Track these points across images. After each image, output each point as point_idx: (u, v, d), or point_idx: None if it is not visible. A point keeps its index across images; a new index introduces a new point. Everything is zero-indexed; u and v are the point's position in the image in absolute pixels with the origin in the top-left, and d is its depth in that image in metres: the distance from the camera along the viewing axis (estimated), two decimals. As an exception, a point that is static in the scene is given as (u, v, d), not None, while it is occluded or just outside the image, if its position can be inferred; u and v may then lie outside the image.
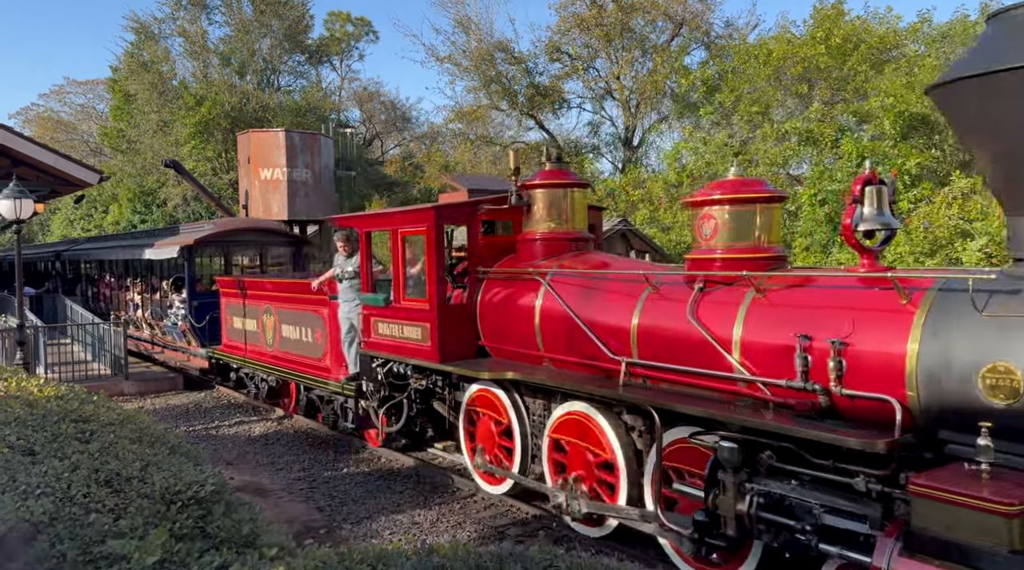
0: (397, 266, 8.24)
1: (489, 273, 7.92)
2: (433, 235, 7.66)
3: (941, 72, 15.44)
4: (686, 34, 25.50)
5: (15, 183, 12.73)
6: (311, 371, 10.69)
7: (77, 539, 3.08)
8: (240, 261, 16.94)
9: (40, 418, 4.84)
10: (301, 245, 17.26)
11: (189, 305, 15.01)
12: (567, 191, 7.80)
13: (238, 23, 33.24)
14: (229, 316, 13.24)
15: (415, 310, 8.01)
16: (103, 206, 37.96)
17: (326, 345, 10.32)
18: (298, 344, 11.08)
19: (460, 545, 3.16)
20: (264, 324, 11.96)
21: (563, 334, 6.83)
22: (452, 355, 7.79)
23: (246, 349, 12.59)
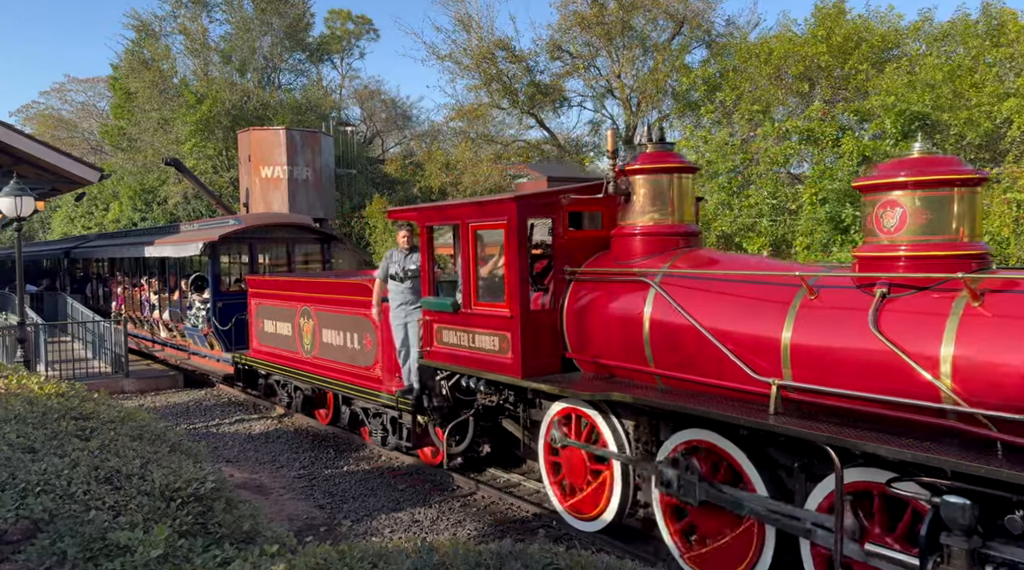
0: (467, 266, 7.20)
1: (577, 274, 6.90)
2: (515, 230, 6.65)
3: (942, 71, 15.45)
4: (687, 33, 25.47)
5: (16, 181, 12.73)
6: (357, 381, 9.65)
7: (77, 536, 3.08)
8: (267, 259, 15.75)
9: (40, 415, 4.84)
10: (331, 241, 16.12)
11: (213, 306, 13.88)
12: (673, 177, 6.70)
13: (239, 21, 33.21)
14: (260, 319, 12.24)
15: (491, 317, 7.00)
16: (104, 204, 37.93)
17: (377, 353, 9.29)
18: (342, 351, 10.02)
19: (460, 543, 3.16)
20: (301, 328, 11.00)
21: (682, 348, 5.82)
22: (536, 369, 6.77)
23: (279, 355, 11.65)
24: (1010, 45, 15.77)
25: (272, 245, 15.45)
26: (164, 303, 16.59)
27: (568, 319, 6.87)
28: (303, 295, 11.03)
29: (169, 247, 15.66)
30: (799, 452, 5.07)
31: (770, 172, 17.39)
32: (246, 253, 15.31)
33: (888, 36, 18.94)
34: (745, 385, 5.33)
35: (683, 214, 6.78)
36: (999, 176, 13.04)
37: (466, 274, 7.26)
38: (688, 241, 6.74)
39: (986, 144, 15.12)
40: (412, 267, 8.43)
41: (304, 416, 11.87)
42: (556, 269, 6.99)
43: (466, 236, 7.20)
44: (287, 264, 15.33)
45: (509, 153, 27.38)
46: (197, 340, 14.66)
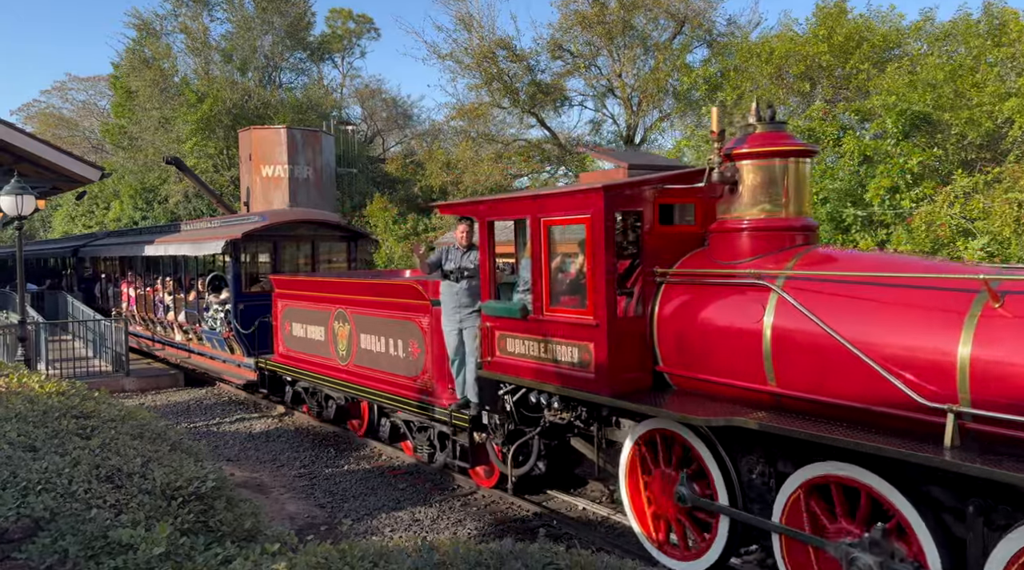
0: (539, 266, 6.38)
1: (670, 275, 6.04)
2: (601, 224, 5.78)
3: (943, 71, 15.44)
4: (688, 32, 25.46)
5: (16, 179, 12.73)
6: (402, 392, 8.76)
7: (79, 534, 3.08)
8: (290, 257, 14.85)
9: (41, 414, 4.84)
10: (357, 239, 15.26)
11: (234, 308, 13.04)
12: (789, 162, 5.76)
13: (240, 20, 33.23)
14: (287, 321, 11.37)
15: (569, 325, 6.16)
16: (104, 203, 37.97)
17: (425, 361, 8.38)
18: (384, 358, 9.11)
19: (461, 542, 3.16)
20: (335, 332, 10.09)
21: (816, 364, 4.94)
22: (624, 385, 5.91)
23: (309, 361, 10.79)
24: (1011, 45, 15.76)
25: (296, 243, 14.63)
26: (179, 304, 15.76)
27: (660, 328, 6.00)
28: (338, 296, 10.11)
29: (187, 245, 14.89)
30: (974, 491, 4.21)
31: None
32: (269, 251, 14.44)
33: (889, 36, 18.93)
34: (904, 411, 4.46)
35: (800, 205, 5.83)
36: (1000, 175, 13.03)
37: (537, 276, 6.42)
38: (806, 237, 5.81)
39: (987, 144, 15.11)
40: (470, 266, 7.57)
41: (306, 416, 11.87)
42: (644, 270, 6.12)
43: (537, 232, 6.39)
44: (311, 263, 14.59)
45: (510, 152, 27.37)
46: (216, 344, 13.95)
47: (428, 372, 8.38)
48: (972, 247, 12.06)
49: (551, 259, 6.39)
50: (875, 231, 14.52)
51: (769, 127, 5.94)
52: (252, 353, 12.66)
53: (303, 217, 14.98)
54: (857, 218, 14.57)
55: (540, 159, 27.38)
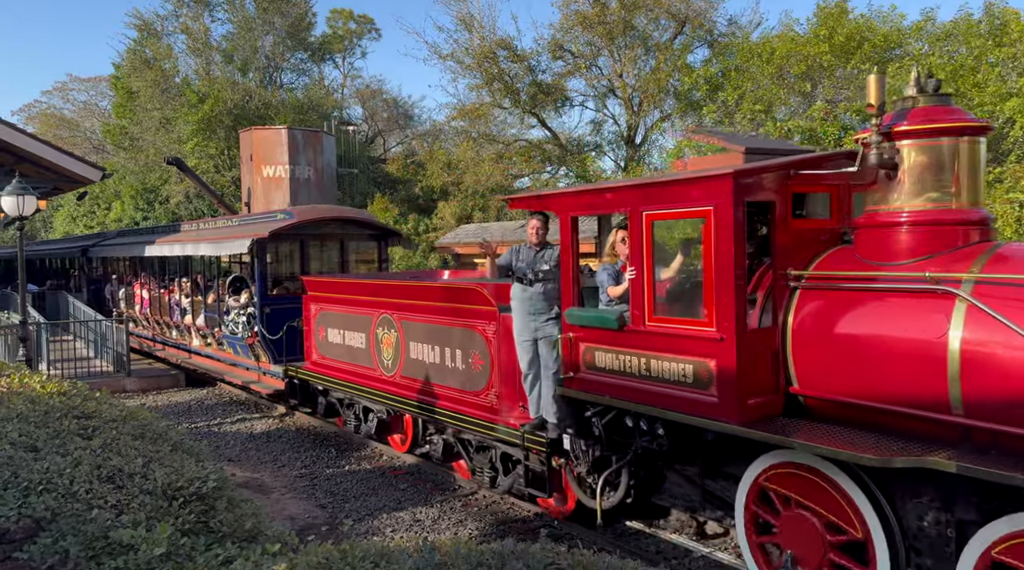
0: (641, 268, 5.56)
1: (806, 279, 5.16)
2: (729, 217, 4.90)
3: (944, 71, 15.44)
4: (689, 32, 25.45)
5: (18, 180, 12.74)
6: (461, 408, 7.81)
7: (80, 535, 3.08)
8: (320, 257, 13.97)
9: (42, 414, 4.84)
10: (388, 237, 14.24)
11: (260, 312, 12.12)
12: (960, 142, 4.83)
13: (241, 20, 33.26)
14: (322, 327, 10.45)
15: (682, 338, 5.30)
16: (106, 203, 38.00)
17: (491, 375, 7.43)
18: (439, 370, 8.17)
19: (462, 542, 3.16)
20: (379, 339, 9.19)
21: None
22: (754, 410, 5.06)
23: (347, 370, 9.91)
24: (1012, 45, 15.75)
25: (324, 242, 13.75)
26: (198, 307, 14.88)
27: (796, 341, 5.10)
28: (383, 300, 9.14)
29: (206, 245, 13.91)
30: None
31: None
32: (296, 251, 13.57)
33: (890, 36, 18.94)
34: None
35: (975, 194, 4.89)
36: (1002, 176, 13.03)
37: (639, 279, 5.58)
38: (983, 232, 4.88)
39: (988, 144, 15.11)
40: (544, 268, 6.75)
41: (307, 417, 11.87)
42: (776, 272, 5.21)
43: (639, 228, 5.55)
44: (340, 264, 13.72)
45: (511, 153, 27.37)
46: (239, 350, 13.02)
47: (493, 387, 7.41)
48: (973, 247, 12.06)
49: (656, 260, 5.52)
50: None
51: (934, 100, 4.95)
52: (279, 360, 11.81)
53: (332, 214, 13.80)
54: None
55: (541, 159, 27.38)
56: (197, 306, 14.96)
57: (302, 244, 13.32)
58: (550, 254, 6.79)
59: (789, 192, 5.30)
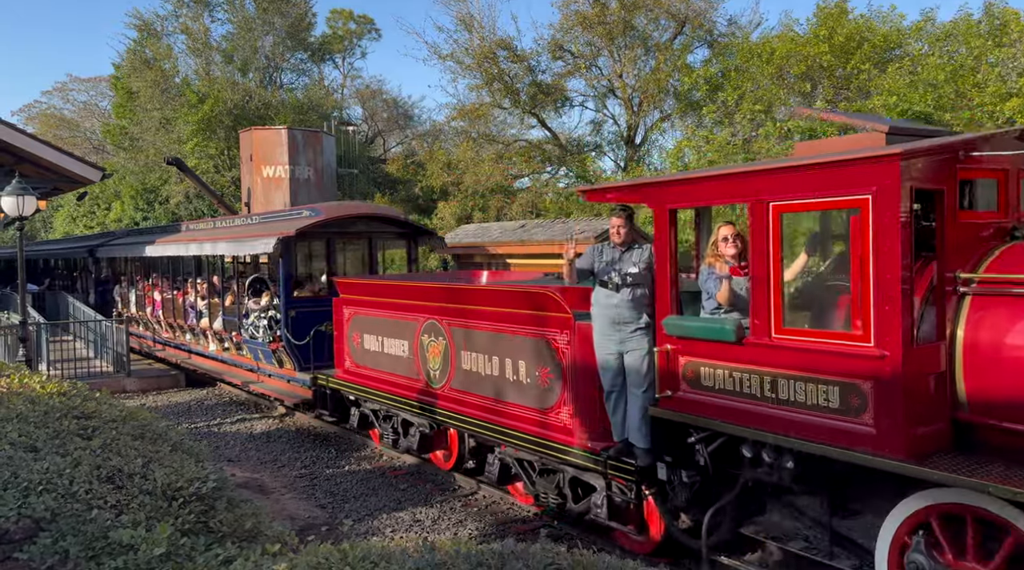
0: (765, 268, 4.78)
1: (977, 282, 4.40)
2: (893, 208, 4.15)
3: (944, 71, 15.44)
4: (689, 32, 25.45)
5: (18, 180, 12.75)
6: (523, 426, 6.92)
7: (79, 535, 3.08)
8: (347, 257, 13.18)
9: (42, 415, 4.84)
10: (418, 236, 13.22)
11: (285, 315, 11.35)
12: None
13: (241, 20, 33.26)
14: (357, 332, 9.66)
15: (822, 353, 4.50)
16: (105, 203, 38.00)
17: (564, 391, 6.50)
18: (496, 383, 7.28)
19: (462, 542, 3.16)
20: (424, 347, 8.34)
21: None
22: (921, 441, 4.29)
23: (386, 380, 9.09)
24: (1012, 45, 15.75)
25: (351, 241, 12.89)
26: (216, 310, 14.01)
27: (969, 359, 4.30)
28: (430, 305, 8.27)
29: (226, 244, 13.11)
30: None
31: (772, 172, 17.38)
32: (321, 251, 12.76)
33: (890, 36, 18.94)
34: None
35: None
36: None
37: (763, 281, 4.77)
38: None
39: (988, 144, 15.11)
40: (632, 270, 5.91)
41: (307, 417, 11.85)
42: (942, 275, 4.43)
43: (763, 221, 4.76)
44: (368, 265, 12.83)
45: (511, 153, 27.37)
46: (261, 356, 12.24)
47: (565, 404, 6.49)
48: (973, 247, 12.06)
49: (785, 259, 4.76)
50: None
51: None
52: (306, 367, 11.02)
53: (361, 211, 13.16)
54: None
55: (541, 160, 27.39)
56: (214, 309, 14.10)
57: (328, 243, 12.38)
58: (639, 255, 5.97)
59: (957, 179, 4.50)
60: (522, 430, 6.93)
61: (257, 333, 12.11)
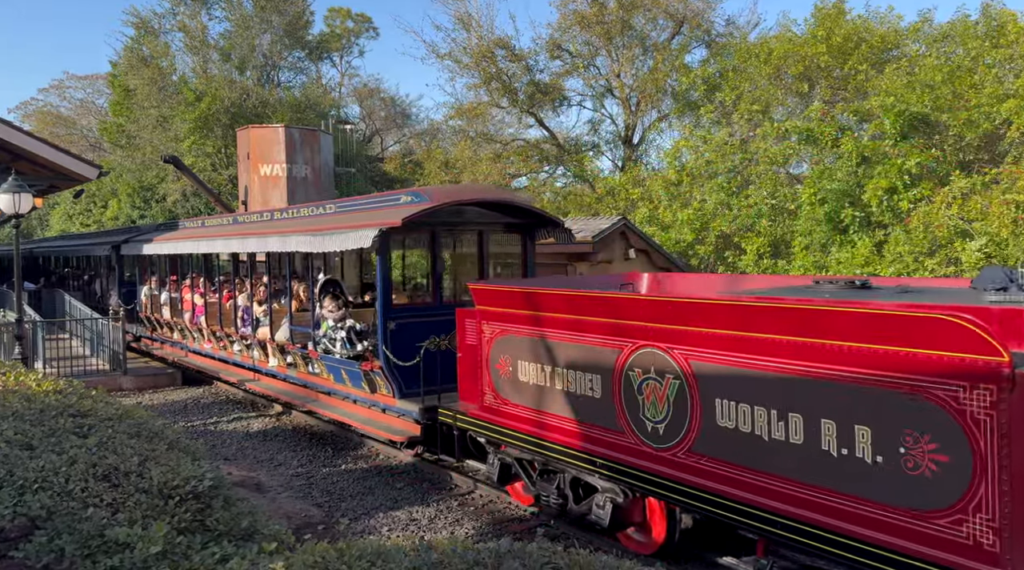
0: None
1: None
2: None
3: (941, 72, 15.47)
4: (687, 32, 25.49)
5: (14, 177, 12.72)
6: (868, 532, 4.48)
7: (75, 533, 3.07)
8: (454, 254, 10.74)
9: (38, 412, 4.83)
10: (537, 228, 10.35)
11: (383, 328, 9.02)
12: None
13: (238, 19, 33.24)
14: (505, 357, 7.32)
15: None
16: (102, 201, 37.95)
17: (971, 485, 4.10)
18: (799, 457, 4.85)
19: (458, 541, 3.16)
20: (633, 387, 5.98)
21: None
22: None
23: (554, 426, 6.79)
24: (1009, 46, 15.79)
25: (460, 233, 10.38)
26: (279, 318, 11.61)
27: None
28: (646, 325, 5.89)
29: (298, 238, 10.33)
30: None
31: (769, 172, 17.42)
32: (422, 246, 10.53)
33: (888, 37, 18.98)
34: None
35: None
36: (998, 177, 13.06)
37: None
38: None
39: (985, 145, 15.15)
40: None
41: (304, 416, 11.81)
42: None
43: None
44: (479, 266, 10.18)
45: (508, 152, 27.39)
46: (346, 377, 9.92)
47: (979, 509, 4.06)
48: (970, 248, 12.10)
49: None
50: (873, 232, 14.55)
51: None
52: (409, 394, 8.89)
53: (477, 196, 10.29)
54: (855, 219, 14.60)
55: (538, 159, 27.41)
56: (278, 317, 11.67)
57: (432, 237, 9.85)
58: None
59: None
60: (864, 538, 4.48)
61: (333, 347, 10.02)
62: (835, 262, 14.45)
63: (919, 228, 12.97)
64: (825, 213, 14.91)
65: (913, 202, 13.63)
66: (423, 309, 9.49)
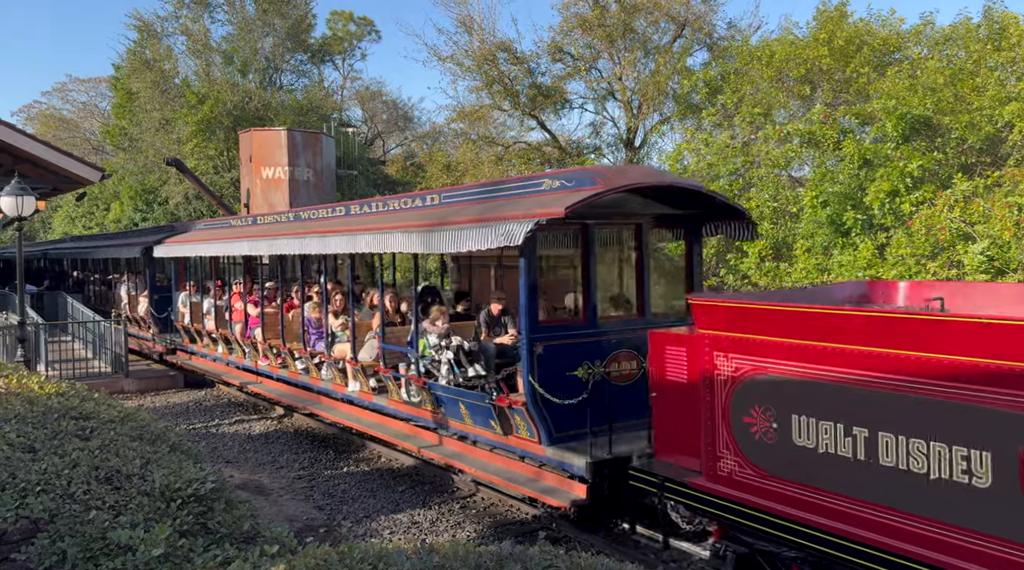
0: None
1: None
2: None
3: (943, 75, 15.45)
4: (689, 35, 25.49)
5: (17, 180, 12.74)
6: None
7: (77, 536, 3.08)
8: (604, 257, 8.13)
9: (40, 415, 4.83)
10: (702, 221, 8.05)
11: (528, 352, 7.01)
12: None
13: (241, 22, 33.29)
14: (762, 406, 5.19)
15: None
16: (105, 204, 38.04)
17: None
18: None
19: (460, 544, 3.16)
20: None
21: None
22: None
23: (859, 518, 4.63)
24: (1011, 49, 15.79)
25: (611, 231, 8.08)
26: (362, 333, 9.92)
27: None
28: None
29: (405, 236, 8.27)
30: None
31: (771, 175, 17.41)
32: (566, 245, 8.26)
33: (889, 39, 18.96)
34: None
35: None
36: (1000, 179, 13.05)
37: None
38: None
39: (987, 148, 15.14)
40: None
41: (306, 418, 11.80)
42: None
43: None
44: (636, 273, 7.94)
45: (510, 155, 27.42)
46: (465, 411, 7.92)
47: None
48: (972, 251, 12.08)
49: None
50: (875, 235, 14.55)
51: None
52: (561, 440, 6.93)
53: (655, 180, 7.77)
54: (857, 221, 14.59)
55: (540, 162, 27.42)
56: (361, 331, 9.97)
57: (583, 234, 7.63)
58: None
59: None
60: None
61: (437, 371, 8.32)
62: (837, 265, 14.43)
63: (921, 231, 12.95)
64: (827, 216, 14.90)
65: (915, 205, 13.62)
66: (575, 329, 7.48)
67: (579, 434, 6.72)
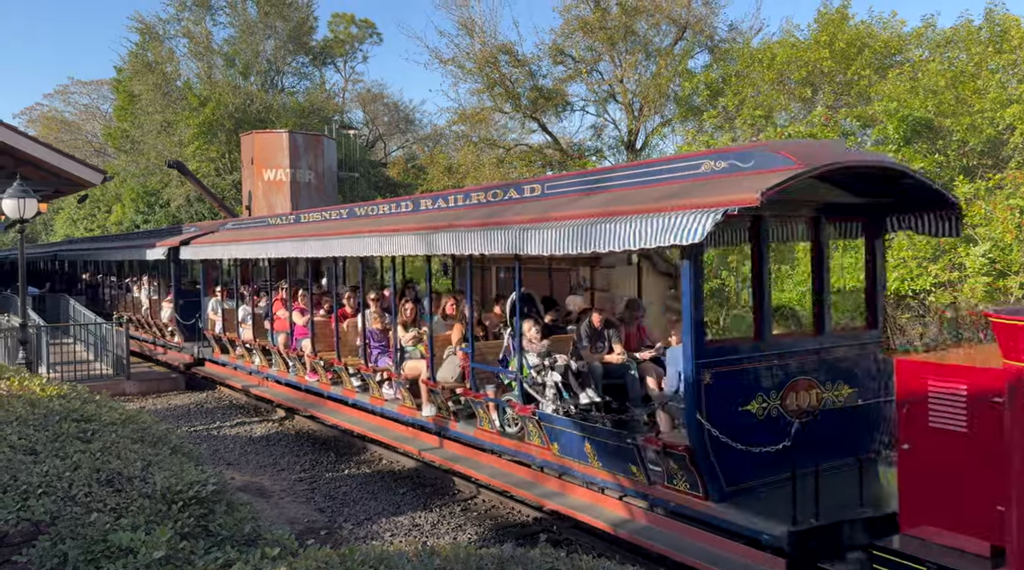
0: None
1: None
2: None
3: (944, 77, 15.45)
4: (690, 37, 25.50)
5: (19, 182, 12.76)
6: None
7: (79, 538, 3.08)
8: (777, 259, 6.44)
9: (42, 417, 4.84)
10: (886, 213, 6.61)
11: (694, 377, 5.57)
12: None
13: (242, 24, 33.34)
14: None
15: None
16: (106, 206, 38.09)
17: None
18: None
19: (461, 547, 3.16)
20: None
21: None
22: None
23: None
24: (1013, 51, 15.79)
25: (782, 225, 6.69)
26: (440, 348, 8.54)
27: None
28: None
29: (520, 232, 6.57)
30: None
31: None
32: (732, 242, 7.13)
33: (891, 42, 18.97)
34: None
35: None
36: (1002, 182, 13.04)
37: None
38: None
39: (988, 150, 15.13)
40: None
41: (307, 420, 11.80)
42: None
43: None
44: (813, 273, 6.82)
45: (512, 157, 27.43)
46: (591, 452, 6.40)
47: None
48: (974, 254, 12.07)
49: None
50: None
51: None
52: (733, 494, 5.57)
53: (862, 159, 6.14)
54: (858, 224, 14.58)
55: (542, 164, 27.43)
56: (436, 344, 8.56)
57: (756, 228, 6.29)
58: None
59: None
60: None
61: (541, 395, 6.90)
62: (838, 267, 14.42)
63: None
64: (828, 218, 14.92)
65: (916, 207, 13.62)
66: (749, 352, 5.90)
67: (749, 487, 5.44)
